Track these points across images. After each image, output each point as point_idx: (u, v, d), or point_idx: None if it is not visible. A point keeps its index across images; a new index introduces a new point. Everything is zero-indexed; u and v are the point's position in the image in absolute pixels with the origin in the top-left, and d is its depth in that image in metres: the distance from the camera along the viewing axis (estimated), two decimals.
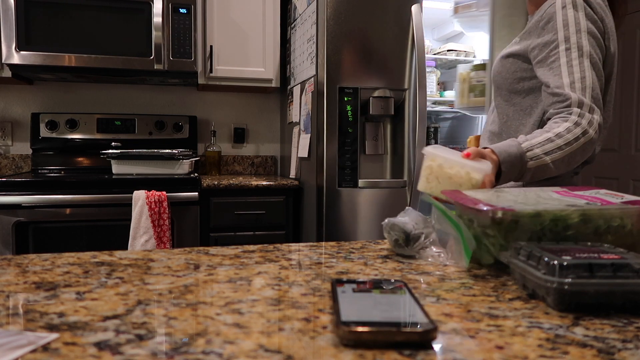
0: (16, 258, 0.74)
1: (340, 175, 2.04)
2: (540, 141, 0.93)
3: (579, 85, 0.98)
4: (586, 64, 1.00)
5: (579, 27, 1.02)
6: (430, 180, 0.84)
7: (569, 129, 0.95)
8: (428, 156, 0.86)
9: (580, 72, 0.99)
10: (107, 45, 2.26)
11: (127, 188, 2.08)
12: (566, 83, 0.99)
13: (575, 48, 1.01)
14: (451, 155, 0.85)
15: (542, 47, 1.05)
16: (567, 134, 0.94)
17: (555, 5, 1.05)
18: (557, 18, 1.04)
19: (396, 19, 2.07)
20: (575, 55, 1.01)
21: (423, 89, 2.05)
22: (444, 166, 0.84)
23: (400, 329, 0.41)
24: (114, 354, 0.40)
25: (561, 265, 0.50)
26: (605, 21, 1.06)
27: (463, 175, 0.83)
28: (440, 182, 0.83)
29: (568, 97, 0.98)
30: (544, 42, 1.05)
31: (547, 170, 0.94)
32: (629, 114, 3.63)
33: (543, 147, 0.93)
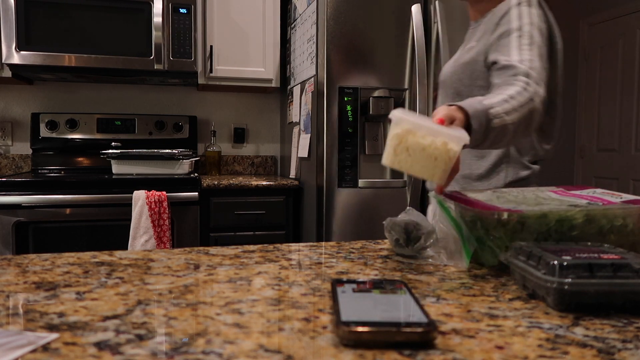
0: (16, 258, 0.74)
1: (340, 175, 2.04)
2: (499, 100, 0.90)
3: (528, 64, 0.99)
4: (535, 52, 1.02)
5: (532, 21, 1.06)
6: (398, 153, 0.69)
7: (519, 92, 0.93)
8: (396, 122, 0.70)
9: (530, 56, 1.01)
10: (107, 45, 2.26)
11: (127, 188, 2.08)
12: (515, 60, 1.00)
13: (527, 36, 1.04)
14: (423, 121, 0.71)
15: (497, 39, 1.08)
16: (518, 96, 0.92)
17: (510, 3, 1.10)
18: (512, 12, 1.07)
19: (396, 19, 2.07)
20: (526, 42, 1.03)
21: (423, 89, 2.05)
22: (415, 134, 0.69)
23: (400, 329, 0.41)
24: (114, 354, 0.40)
25: (561, 265, 0.50)
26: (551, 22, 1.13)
27: (439, 145, 0.68)
28: (411, 155, 0.69)
29: (515, 67, 0.98)
30: (499, 34, 1.07)
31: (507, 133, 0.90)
32: (629, 114, 3.63)
33: (502, 106, 0.89)
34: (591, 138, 3.97)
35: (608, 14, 3.78)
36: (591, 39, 3.95)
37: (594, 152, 3.94)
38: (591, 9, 3.94)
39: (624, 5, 3.63)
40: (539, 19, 1.07)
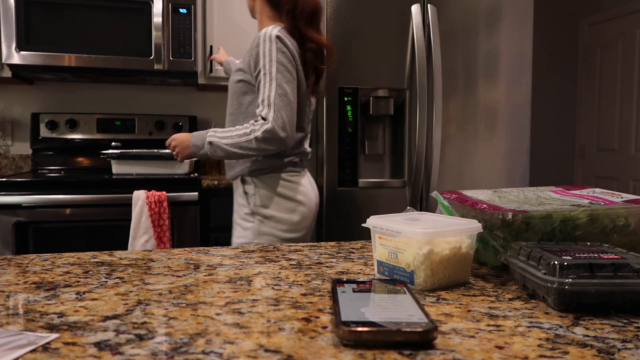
0: (16, 258, 0.74)
1: (340, 175, 2.04)
2: (224, 130, 1.41)
3: (266, 102, 1.37)
4: (273, 86, 1.37)
5: (272, 58, 1.38)
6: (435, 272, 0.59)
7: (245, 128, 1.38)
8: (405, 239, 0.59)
9: (268, 92, 1.37)
10: (107, 45, 2.26)
11: (127, 188, 2.08)
12: (260, 100, 1.38)
13: (268, 74, 1.38)
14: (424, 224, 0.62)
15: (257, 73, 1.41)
16: (240, 131, 1.38)
17: (259, 37, 1.41)
18: (260, 49, 1.40)
19: (396, 19, 2.07)
20: (267, 79, 1.38)
21: (423, 89, 2.05)
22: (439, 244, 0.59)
23: (400, 329, 0.41)
24: (114, 354, 0.40)
25: (561, 265, 0.50)
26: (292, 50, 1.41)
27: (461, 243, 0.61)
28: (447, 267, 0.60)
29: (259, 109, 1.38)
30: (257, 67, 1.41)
31: (220, 148, 1.39)
32: (629, 114, 3.63)
33: (223, 134, 1.40)
34: (591, 138, 3.97)
35: (608, 14, 3.78)
36: (591, 39, 3.95)
37: (594, 152, 3.94)
38: (591, 9, 3.94)
39: (624, 5, 3.63)
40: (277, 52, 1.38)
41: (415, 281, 0.58)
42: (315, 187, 1.60)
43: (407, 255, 0.59)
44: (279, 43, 1.38)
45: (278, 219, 1.48)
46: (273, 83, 1.37)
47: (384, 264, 0.62)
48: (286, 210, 1.48)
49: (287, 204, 1.49)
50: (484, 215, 0.65)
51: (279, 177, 1.48)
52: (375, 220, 0.64)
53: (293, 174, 1.50)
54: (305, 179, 1.55)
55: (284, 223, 1.48)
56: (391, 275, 0.61)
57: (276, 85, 1.37)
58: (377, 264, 0.64)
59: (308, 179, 1.57)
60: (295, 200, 1.49)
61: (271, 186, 1.48)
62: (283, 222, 1.48)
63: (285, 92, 1.37)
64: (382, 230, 0.62)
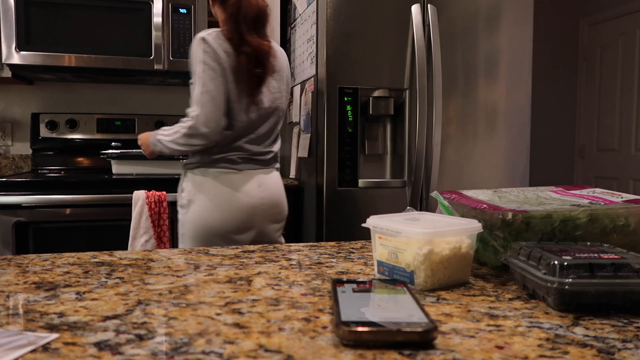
0: (16, 258, 0.74)
1: (340, 175, 2.04)
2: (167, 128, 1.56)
3: (194, 100, 1.48)
4: (199, 85, 1.47)
5: (198, 59, 1.48)
6: (435, 272, 0.59)
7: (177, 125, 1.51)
8: (405, 239, 0.59)
9: (196, 91, 1.48)
10: (107, 45, 2.26)
11: (127, 188, 2.08)
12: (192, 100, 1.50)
13: (195, 74, 1.49)
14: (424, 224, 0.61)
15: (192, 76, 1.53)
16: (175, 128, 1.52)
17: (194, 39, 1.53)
18: (191, 53, 1.52)
19: (396, 19, 2.07)
20: (196, 79, 1.49)
21: (423, 89, 2.05)
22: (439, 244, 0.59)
23: (400, 329, 0.41)
24: (114, 354, 0.40)
25: (562, 265, 0.50)
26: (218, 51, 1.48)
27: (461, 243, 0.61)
28: (447, 267, 0.60)
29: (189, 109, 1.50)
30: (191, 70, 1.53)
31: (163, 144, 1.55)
32: (629, 114, 3.63)
33: (164, 131, 1.56)
34: (591, 138, 3.97)
35: (608, 14, 3.78)
36: (591, 39, 3.95)
37: (594, 152, 3.94)
38: (591, 9, 3.94)
39: (624, 5, 3.63)
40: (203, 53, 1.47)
41: (415, 281, 0.58)
42: (266, 188, 1.60)
43: (407, 255, 0.59)
44: (203, 44, 1.47)
45: (199, 211, 1.54)
46: (199, 82, 1.47)
47: (384, 264, 0.62)
48: (209, 203, 1.53)
49: (212, 198, 1.53)
50: (484, 215, 0.65)
51: (207, 172, 1.55)
52: (375, 220, 0.64)
53: (227, 170, 1.54)
54: (241, 175, 1.56)
55: (204, 215, 1.53)
56: (391, 275, 0.61)
57: (201, 84, 1.47)
58: (377, 264, 0.64)
59: (250, 178, 1.57)
60: (219, 195, 1.53)
61: (199, 180, 1.55)
62: (204, 214, 1.53)
63: (209, 90, 1.46)
64: (382, 230, 0.62)
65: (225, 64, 1.49)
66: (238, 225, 1.55)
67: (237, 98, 1.53)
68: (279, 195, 1.65)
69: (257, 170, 1.60)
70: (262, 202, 1.58)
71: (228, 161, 1.55)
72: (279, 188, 1.66)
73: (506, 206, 0.65)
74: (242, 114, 1.55)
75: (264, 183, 1.60)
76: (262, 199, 1.58)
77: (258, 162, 1.60)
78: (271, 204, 1.61)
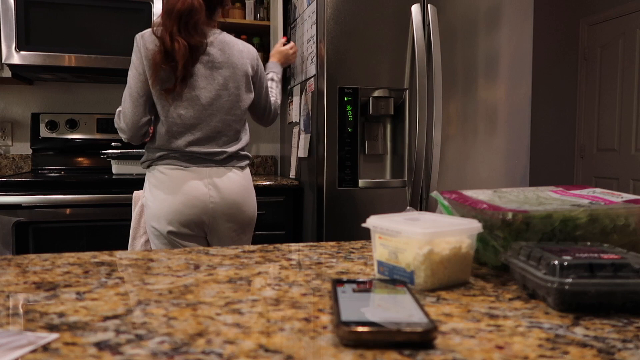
0: (16, 258, 0.74)
1: (340, 175, 2.04)
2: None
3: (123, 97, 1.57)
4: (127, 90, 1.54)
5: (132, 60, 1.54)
6: (435, 272, 0.59)
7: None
8: (405, 239, 0.59)
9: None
10: (107, 45, 2.26)
11: (127, 188, 2.08)
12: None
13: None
14: (424, 224, 0.61)
15: None
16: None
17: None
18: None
19: (396, 19, 2.07)
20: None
21: (423, 89, 2.05)
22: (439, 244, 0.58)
23: (400, 329, 0.41)
24: (114, 354, 0.40)
25: (562, 265, 0.50)
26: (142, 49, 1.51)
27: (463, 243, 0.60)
28: (447, 267, 0.59)
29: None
30: None
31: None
32: (629, 114, 3.63)
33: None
34: (591, 138, 3.97)
35: (608, 14, 3.78)
36: (591, 39, 3.95)
37: (594, 152, 3.94)
38: (591, 9, 3.94)
39: (624, 5, 3.63)
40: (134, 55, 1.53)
41: (415, 281, 0.58)
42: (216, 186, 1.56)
43: (407, 255, 0.59)
44: (135, 43, 1.54)
45: (148, 207, 1.58)
46: (128, 79, 1.55)
47: (384, 264, 0.62)
48: (152, 197, 1.56)
49: (154, 192, 1.56)
50: (484, 215, 0.65)
51: (155, 169, 1.58)
52: (375, 220, 0.64)
53: (172, 167, 1.55)
54: (187, 172, 1.54)
55: (149, 210, 1.57)
56: (391, 275, 0.61)
57: (128, 81, 1.54)
58: (377, 264, 0.64)
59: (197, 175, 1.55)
60: (159, 189, 1.54)
61: (149, 177, 1.60)
62: (149, 208, 1.57)
63: (129, 87, 1.53)
64: (382, 230, 0.62)
65: (147, 61, 1.50)
66: (185, 220, 1.53)
67: (160, 94, 1.53)
68: (235, 195, 1.58)
69: (207, 168, 1.56)
70: (212, 201, 1.55)
71: (172, 158, 1.56)
72: (236, 187, 1.59)
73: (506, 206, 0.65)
74: (171, 110, 1.53)
75: (215, 182, 1.56)
76: (212, 197, 1.55)
77: (207, 161, 1.57)
78: (224, 203, 1.56)
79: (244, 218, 1.62)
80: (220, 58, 1.56)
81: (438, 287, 0.59)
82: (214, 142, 1.57)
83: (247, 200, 1.62)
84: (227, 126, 1.59)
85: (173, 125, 1.54)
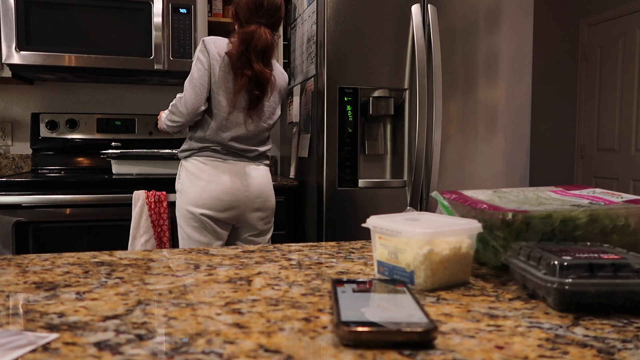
0: (16, 258, 0.74)
1: (340, 175, 2.04)
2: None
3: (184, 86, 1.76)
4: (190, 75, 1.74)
5: (195, 56, 1.76)
6: (435, 272, 0.59)
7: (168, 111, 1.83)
8: (405, 239, 0.59)
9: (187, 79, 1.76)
10: (107, 45, 2.26)
11: (127, 188, 2.08)
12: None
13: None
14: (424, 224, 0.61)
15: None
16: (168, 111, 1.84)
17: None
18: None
19: (396, 19, 2.07)
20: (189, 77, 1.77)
21: (423, 89, 2.05)
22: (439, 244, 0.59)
23: (400, 329, 0.41)
24: (114, 354, 0.40)
25: (562, 265, 0.50)
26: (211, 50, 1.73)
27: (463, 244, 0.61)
28: (447, 267, 0.59)
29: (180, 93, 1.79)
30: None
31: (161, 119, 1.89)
32: (629, 114, 3.63)
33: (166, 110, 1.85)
34: (591, 138, 3.97)
35: (608, 14, 3.78)
36: (591, 39, 3.95)
37: (594, 152, 3.94)
38: (591, 9, 3.94)
39: (624, 5, 3.63)
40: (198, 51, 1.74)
41: (415, 281, 0.58)
42: (249, 177, 1.77)
43: (407, 255, 0.59)
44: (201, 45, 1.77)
45: (185, 192, 1.74)
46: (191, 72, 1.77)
47: (384, 264, 0.62)
48: (190, 184, 1.73)
49: (193, 180, 1.73)
50: (484, 215, 0.65)
51: (196, 159, 1.76)
52: (375, 220, 0.64)
53: (212, 158, 1.75)
54: (226, 164, 1.75)
55: (187, 195, 1.73)
56: (391, 275, 0.61)
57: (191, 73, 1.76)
58: (377, 264, 0.64)
59: (234, 166, 1.76)
60: (200, 178, 1.72)
61: (189, 166, 1.76)
62: (186, 194, 1.73)
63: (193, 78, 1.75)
64: (382, 230, 0.62)
65: (215, 62, 1.71)
66: (222, 206, 1.73)
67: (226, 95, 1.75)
68: (263, 186, 1.80)
69: (242, 162, 1.78)
70: (246, 189, 1.76)
71: (213, 150, 1.75)
72: (264, 180, 1.81)
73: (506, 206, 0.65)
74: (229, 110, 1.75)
75: (248, 173, 1.78)
76: (246, 186, 1.76)
77: (242, 156, 1.79)
78: (255, 193, 1.78)
79: (269, 207, 1.83)
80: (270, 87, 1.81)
81: (438, 287, 0.59)
82: (250, 142, 1.80)
83: (272, 192, 1.85)
84: (261, 132, 1.83)
85: (224, 120, 1.75)
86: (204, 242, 1.74)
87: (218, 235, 1.76)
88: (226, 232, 1.79)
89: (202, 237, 1.74)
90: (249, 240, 1.84)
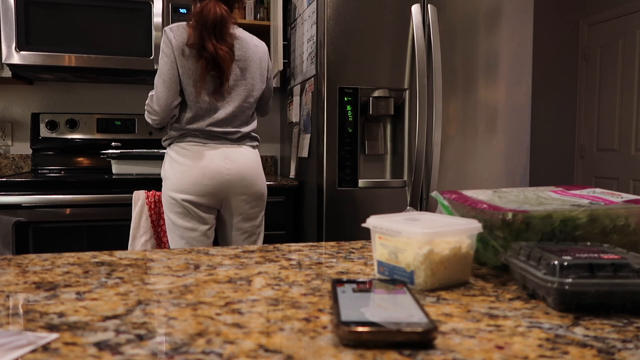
0: (16, 258, 0.74)
1: (340, 175, 2.04)
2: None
3: (154, 83, 1.73)
4: (158, 70, 1.70)
5: (161, 48, 1.70)
6: (435, 272, 0.59)
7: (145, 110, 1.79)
8: (405, 239, 0.59)
9: (156, 75, 1.72)
10: (107, 45, 2.26)
11: (127, 188, 2.08)
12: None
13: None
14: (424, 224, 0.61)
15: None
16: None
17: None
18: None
19: (396, 19, 2.07)
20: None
21: (423, 89, 2.05)
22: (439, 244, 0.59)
23: (400, 329, 0.41)
24: (114, 354, 0.40)
25: (562, 265, 0.50)
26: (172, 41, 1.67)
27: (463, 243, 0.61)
28: (447, 267, 0.59)
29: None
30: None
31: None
32: (629, 114, 3.63)
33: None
34: (591, 138, 3.97)
35: (608, 14, 3.78)
36: (591, 39, 3.95)
37: (594, 152, 3.94)
38: (591, 9, 3.94)
39: (624, 5, 3.63)
40: (162, 43, 1.69)
41: (415, 281, 0.58)
42: (232, 160, 1.72)
43: (407, 255, 0.59)
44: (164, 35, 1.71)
45: (167, 178, 1.71)
46: (159, 67, 1.72)
47: (384, 264, 0.62)
48: (172, 170, 1.70)
49: (175, 166, 1.70)
50: (484, 215, 0.65)
51: (177, 145, 1.73)
52: (375, 220, 0.64)
53: (193, 143, 1.72)
54: (207, 148, 1.71)
55: (169, 181, 1.70)
56: (391, 275, 0.61)
57: (159, 68, 1.72)
58: (377, 264, 0.64)
59: (215, 150, 1.72)
60: (182, 163, 1.69)
61: (172, 154, 1.73)
62: (168, 180, 1.71)
63: (162, 73, 1.70)
64: (382, 230, 0.62)
65: (179, 52, 1.66)
66: (203, 190, 1.69)
67: (191, 85, 1.69)
68: (247, 169, 1.74)
69: (223, 145, 1.74)
70: (228, 172, 1.71)
71: (193, 135, 1.72)
72: (248, 163, 1.75)
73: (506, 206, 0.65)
74: (200, 98, 1.71)
75: (230, 156, 1.73)
76: (228, 169, 1.71)
77: (223, 139, 1.74)
78: (237, 176, 1.72)
79: (255, 190, 1.77)
80: (239, 52, 1.73)
81: (438, 287, 0.59)
82: (230, 124, 1.75)
83: (259, 175, 1.78)
84: (242, 112, 1.77)
85: (199, 110, 1.71)
86: (189, 228, 1.70)
87: (203, 220, 1.72)
88: (212, 216, 1.74)
89: (186, 223, 1.70)
90: (238, 227, 1.78)
